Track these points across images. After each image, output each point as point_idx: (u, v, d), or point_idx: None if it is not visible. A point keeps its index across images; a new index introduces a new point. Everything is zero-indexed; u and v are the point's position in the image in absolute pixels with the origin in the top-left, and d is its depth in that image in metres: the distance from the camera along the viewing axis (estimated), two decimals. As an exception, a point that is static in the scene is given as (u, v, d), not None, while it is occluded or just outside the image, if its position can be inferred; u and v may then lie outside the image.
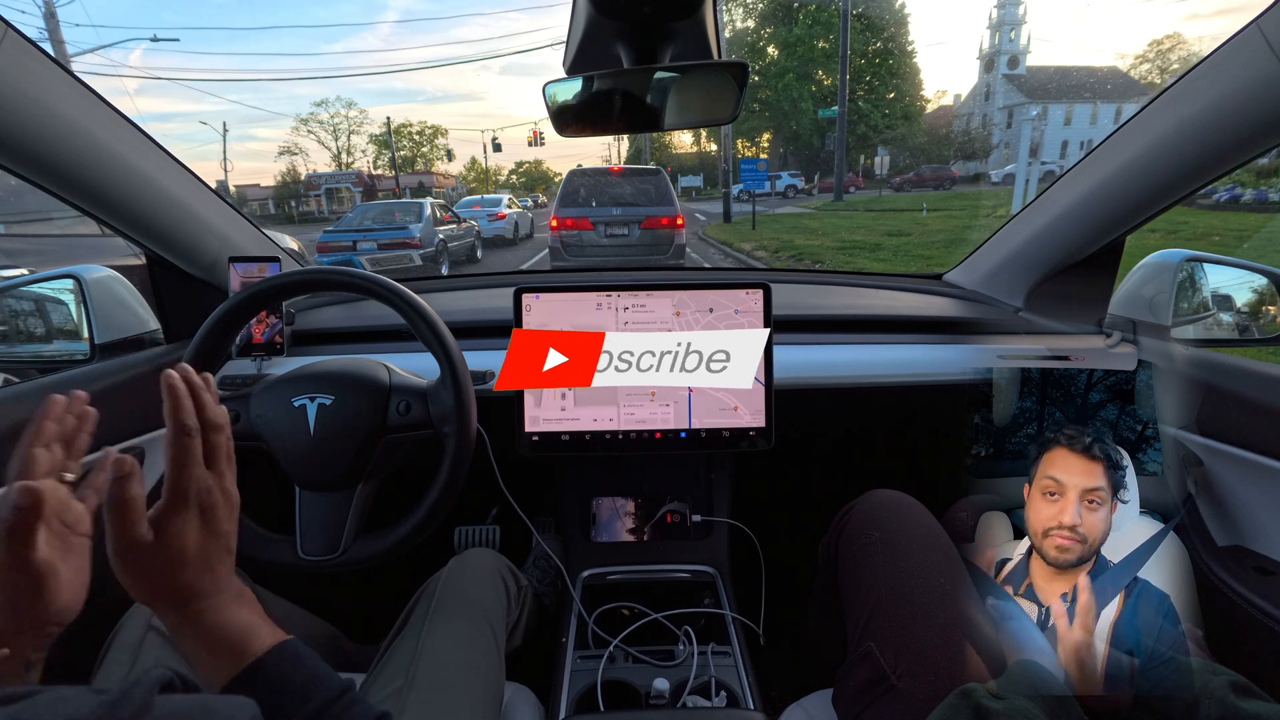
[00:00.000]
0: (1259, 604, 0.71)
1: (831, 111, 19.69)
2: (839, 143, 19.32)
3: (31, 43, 0.67)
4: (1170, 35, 45.84)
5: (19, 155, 0.71)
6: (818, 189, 27.85)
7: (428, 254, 7.88)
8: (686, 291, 0.93)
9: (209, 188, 0.99)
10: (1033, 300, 1.08)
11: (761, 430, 0.93)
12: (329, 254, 7.56)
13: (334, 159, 42.03)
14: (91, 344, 0.96)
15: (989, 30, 39.90)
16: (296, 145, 42.63)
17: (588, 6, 0.57)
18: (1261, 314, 0.95)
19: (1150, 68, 44.24)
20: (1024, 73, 38.63)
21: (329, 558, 0.72)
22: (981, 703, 0.54)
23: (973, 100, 41.54)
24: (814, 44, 31.73)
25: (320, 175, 33.71)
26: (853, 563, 0.76)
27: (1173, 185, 0.78)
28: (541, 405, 0.93)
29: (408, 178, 38.08)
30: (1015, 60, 38.76)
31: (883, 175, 25.03)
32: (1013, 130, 35.63)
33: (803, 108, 32.56)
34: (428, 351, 0.75)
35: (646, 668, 0.84)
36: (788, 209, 19.11)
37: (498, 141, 35.37)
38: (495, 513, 1.26)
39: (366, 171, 37.19)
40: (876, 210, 16.86)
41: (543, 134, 25.86)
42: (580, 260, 5.86)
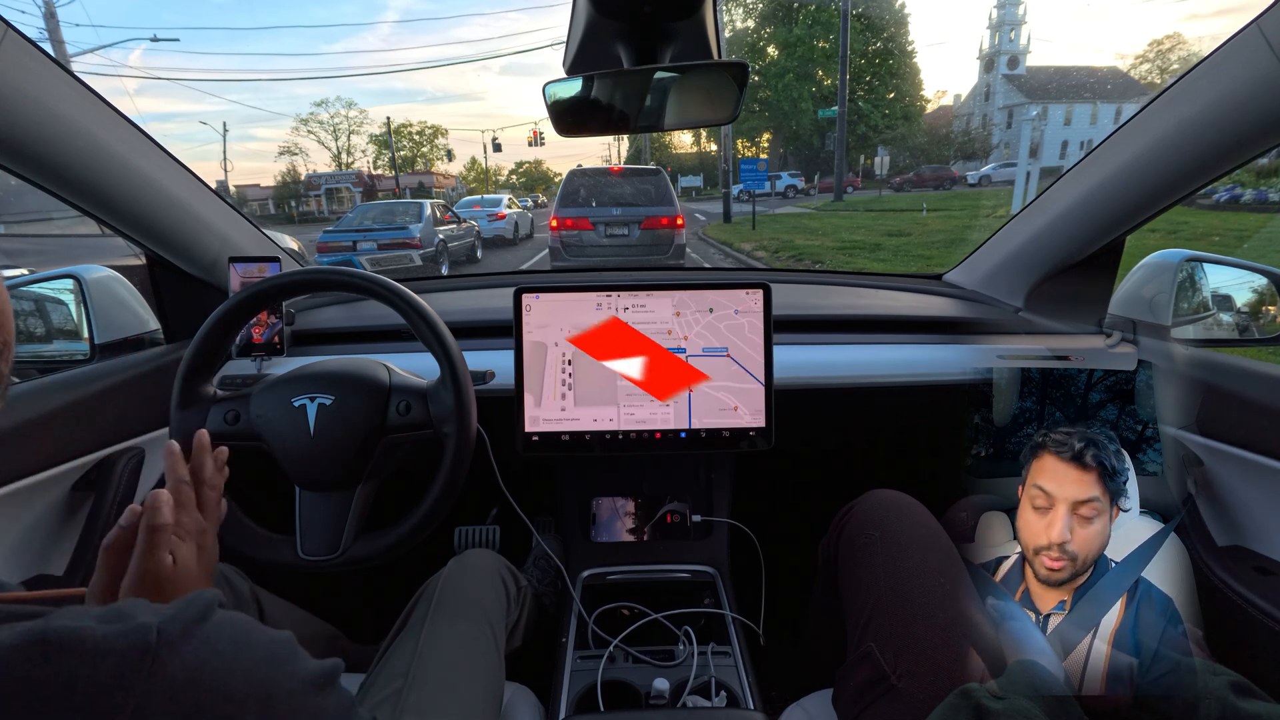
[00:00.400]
0: (1258, 604, 0.71)
1: (832, 111, 19.32)
2: (839, 143, 19.07)
3: (32, 43, 0.67)
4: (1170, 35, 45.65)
5: (19, 155, 0.71)
6: (817, 189, 27.57)
7: (428, 254, 7.91)
8: (686, 291, 0.93)
9: (209, 188, 0.99)
10: (1033, 300, 1.08)
11: (761, 430, 0.93)
12: (329, 254, 7.59)
13: (334, 159, 41.80)
14: (91, 344, 0.96)
15: (989, 30, 39.61)
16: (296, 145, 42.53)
17: (588, 6, 0.57)
18: (1261, 314, 0.95)
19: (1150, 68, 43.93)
20: (1024, 73, 38.34)
21: (329, 557, 0.72)
22: (981, 703, 0.54)
23: (973, 100, 41.24)
24: (814, 44, 31.47)
25: (320, 175, 33.61)
26: (853, 563, 0.76)
27: (1173, 185, 0.78)
28: (541, 405, 0.93)
29: (408, 178, 37.82)
30: (1015, 60, 38.50)
31: (883, 175, 24.79)
32: (1013, 130, 35.26)
33: (803, 108, 32.29)
34: (428, 352, 0.75)
35: (646, 668, 0.84)
36: (787, 209, 18.86)
37: (498, 142, 34.95)
38: (495, 513, 1.26)
39: (366, 172, 36.96)
40: (876, 210, 16.71)
41: (543, 134, 25.60)
42: (580, 260, 5.84)
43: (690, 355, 0.93)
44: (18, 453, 0.75)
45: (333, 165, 40.69)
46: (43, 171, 0.75)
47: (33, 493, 0.77)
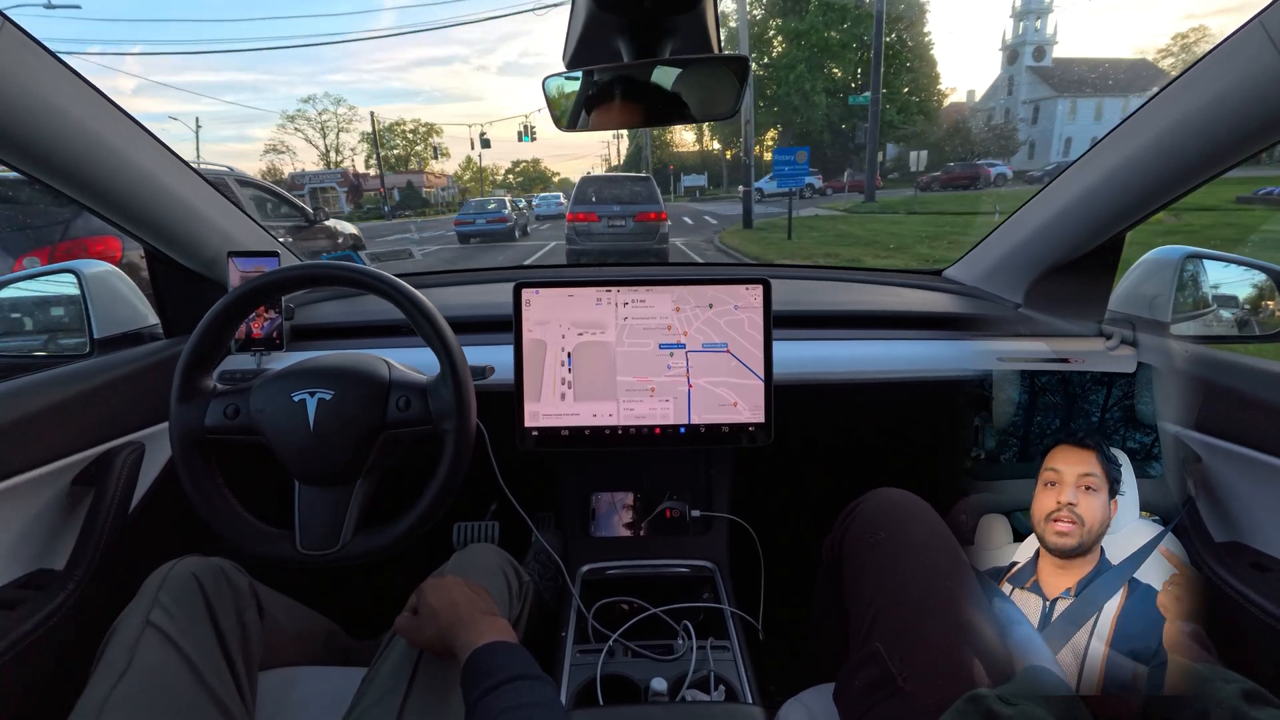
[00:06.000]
0: (1256, 600, 0.71)
1: (863, 98, 17.01)
2: (870, 135, 16.29)
3: (31, 37, 0.66)
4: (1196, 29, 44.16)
5: (20, 150, 0.71)
6: (830, 188, 26.04)
7: (512, 225, 13.86)
8: (686, 287, 0.93)
9: (208, 182, 0.99)
10: (1032, 297, 1.08)
11: (761, 425, 0.93)
12: (462, 226, 13.63)
13: (322, 157, 40.80)
14: (91, 339, 0.96)
15: (1012, 19, 36.48)
16: (283, 144, 41.11)
17: (588, 1, 0.56)
18: (1261, 310, 0.95)
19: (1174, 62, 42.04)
20: (1051, 64, 35.47)
21: (328, 552, 0.72)
22: (991, 708, 0.53)
23: (994, 94, 38.23)
24: (826, 33, 29.90)
25: (304, 174, 32.78)
26: (858, 561, 0.75)
27: (1174, 181, 0.78)
28: (541, 401, 0.93)
29: (397, 177, 36.93)
30: (1041, 51, 35.51)
31: (919, 170, 22.93)
32: (1039, 126, 33.23)
33: (814, 100, 30.60)
34: (427, 347, 0.74)
35: (646, 662, 0.84)
36: (810, 211, 16.13)
37: (486, 137, 32.40)
38: (494, 508, 1.26)
39: (352, 171, 36.14)
40: (922, 212, 14.32)
41: (533, 128, 24.22)
42: (589, 244, 7.86)
43: (690, 351, 0.93)
44: (18, 447, 0.75)
45: (321, 164, 39.77)
46: (43, 167, 0.75)
47: (33, 487, 0.77)
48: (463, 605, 0.65)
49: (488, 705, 0.52)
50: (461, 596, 0.67)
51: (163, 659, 0.62)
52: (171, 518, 0.91)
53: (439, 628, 0.63)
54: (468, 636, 0.60)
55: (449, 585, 0.68)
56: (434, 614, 0.64)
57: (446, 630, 0.63)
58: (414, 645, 0.67)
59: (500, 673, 0.54)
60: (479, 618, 0.63)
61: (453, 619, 0.63)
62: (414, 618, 0.67)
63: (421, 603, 0.67)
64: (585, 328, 0.93)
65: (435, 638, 0.64)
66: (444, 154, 46.18)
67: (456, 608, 0.65)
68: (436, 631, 0.63)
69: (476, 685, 0.54)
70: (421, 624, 0.65)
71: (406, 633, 0.67)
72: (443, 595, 0.66)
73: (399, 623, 0.67)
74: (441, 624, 0.63)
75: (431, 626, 0.64)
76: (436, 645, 0.64)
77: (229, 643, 0.68)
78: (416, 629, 0.66)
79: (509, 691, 0.53)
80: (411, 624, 0.66)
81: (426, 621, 0.65)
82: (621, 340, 0.93)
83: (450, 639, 0.62)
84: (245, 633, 0.71)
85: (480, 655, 0.57)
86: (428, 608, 0.66)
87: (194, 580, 0.69)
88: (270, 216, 5.38)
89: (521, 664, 0.56)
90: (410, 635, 0.66)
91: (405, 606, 0.69)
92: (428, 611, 0.65)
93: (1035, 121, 34.42)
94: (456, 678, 0.67)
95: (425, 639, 0.65)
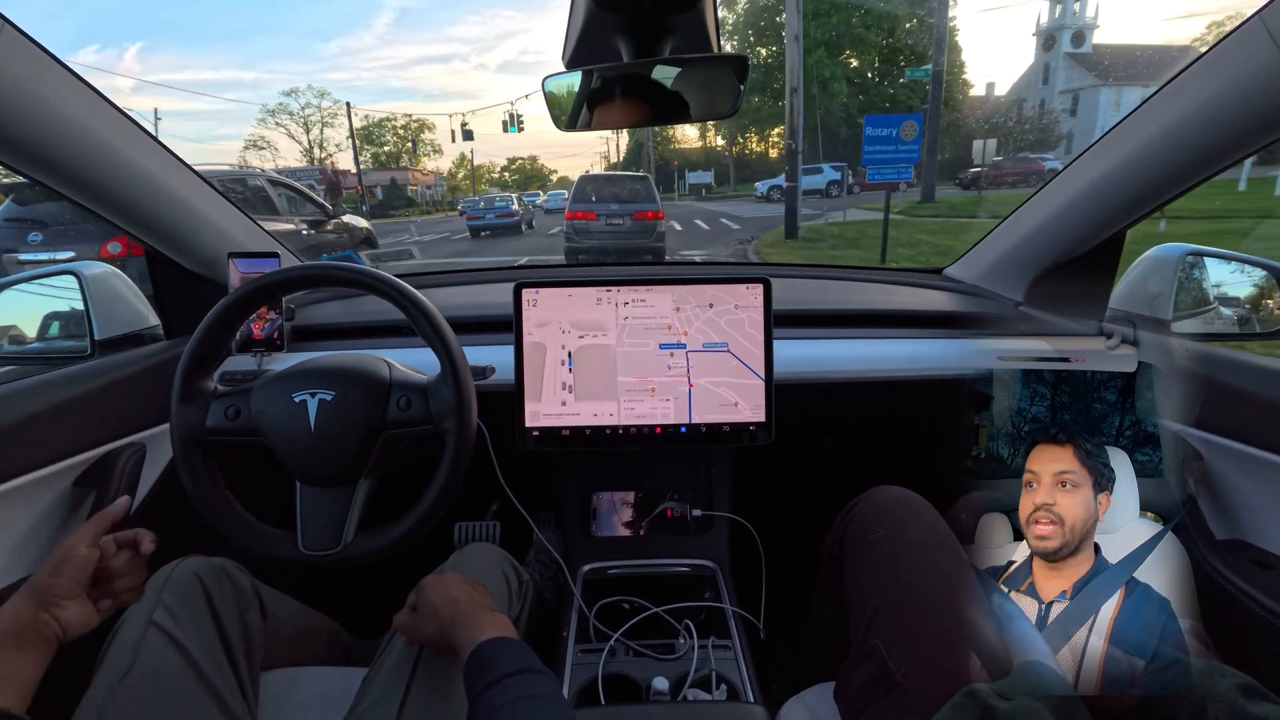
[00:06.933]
0: (1257, 597, 0.71)
1: (923, 72, 13.09)
2: (932, 118, 11.85)
3: (29, 38, 0.66)
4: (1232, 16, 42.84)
5: (19, 151, 0.71)
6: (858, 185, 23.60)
7: (519, 219, 14.96)
8: (686, 286, 0.93)
9: (209, 183, 0.99)
10: (1033, 295, 1.07)
11: (762, 425, 0.93)
12: (472, 220, 14.73)
13: (305, 154, 38.64)
14: (91, 340, 0.96)
15: (1048, 2, 31.86)
16: (263, 139, 38.13)
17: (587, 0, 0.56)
18: (1262, 308, 0.95)
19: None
20: (1090, 50, 31.04)
21: (329, 552, 0.72)
22: (988, 703, 0.54)
23: (1027, 83, 33.77)
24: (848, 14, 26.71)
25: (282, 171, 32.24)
26: (858, 558, 0.76)
27: (1174, 179, 0.78)
28: (542, 401, 0.93)
29: (380, 174, 35.84)
30: (1081, 36, 31.17)
31: (984, 164, 18.37)
32: (1079, 118, 29.46)
33: (834, 89, 27.22)
34: (428, 347, 0.75)
35: (647, 661, 0.85)
36: (855, 214, 11.76)
37: (468, 128, 27.40)
38: (495, 508, 1.26)
39: (331, 168, 34.45)
40: (1001, 215, 9.89)
41: (520, 115, 21.51)
42: (587, 241, 7.89)
43: (690, 350, 0.93)
44: (20, 448, 0.76)
45: (304, 160, 38.07)
46: (42, 167, 0.74)
47: (35, 488, 0.77)
48: (463, 601, 0.65)
49: (491, 698, 0.52)
50: (461, 593, 0.67)
51: (166, 659, 0.62)
52: (173, 518, 0.91)
53: (439, 624, 0.63)
54: (469, 632, 0.60)
55: (448, 582, 0.68)
56: (434, 610, 0.64)
57: (447, 626, 0.63)
58: (414, 642, 0.67)
59: (503, 666, 0.55)
60: (480, 613, 0.63)
61: (453, 615, 0.63)
62: (413, 615, 0.67)
63: (421, 599, 0.67)
64: (586, 329, 0.93)
65: (435, 634, 0.64)
66: (437, 150, 44.92)
67: (456, 604, 0.64)
68: (437, 628, 0.63)
69: (480, 679, 0.54)
70: (421, 621, 0.65)
71: (406, 630, 0.67)
72: (442, 592, 0.66)
73: (398, 620, 0.67)
74: (442, 620, 0.63)
75: (431, 623, 0.64)
76: (437, 641, 0.64)
77: (231, 642, 0.68)
78: (416, 626, 0.66)
79: (512, 685, 0.53)
80: (411, 621, 0.66)
81: (426, 618, 0.65)
82: (622, 340, 0.93)
83: (451, 635, 0.62)
84: (248, 632, 0.72)
85: (483, 650, 0.57)
86: (427, 604, 0.66)
87: (197, 580, 0.70)
88: (295, 212, 5.95)
89: (524, 658, 0.57)
90: (410, 632, 0.66)
91: (405, 604, 0.70)
92: (427, 608, 0.65)
93: (1075, 113, 30.66)
94: (456, 674, 0.67)
95: (425, 636, 0.65)
